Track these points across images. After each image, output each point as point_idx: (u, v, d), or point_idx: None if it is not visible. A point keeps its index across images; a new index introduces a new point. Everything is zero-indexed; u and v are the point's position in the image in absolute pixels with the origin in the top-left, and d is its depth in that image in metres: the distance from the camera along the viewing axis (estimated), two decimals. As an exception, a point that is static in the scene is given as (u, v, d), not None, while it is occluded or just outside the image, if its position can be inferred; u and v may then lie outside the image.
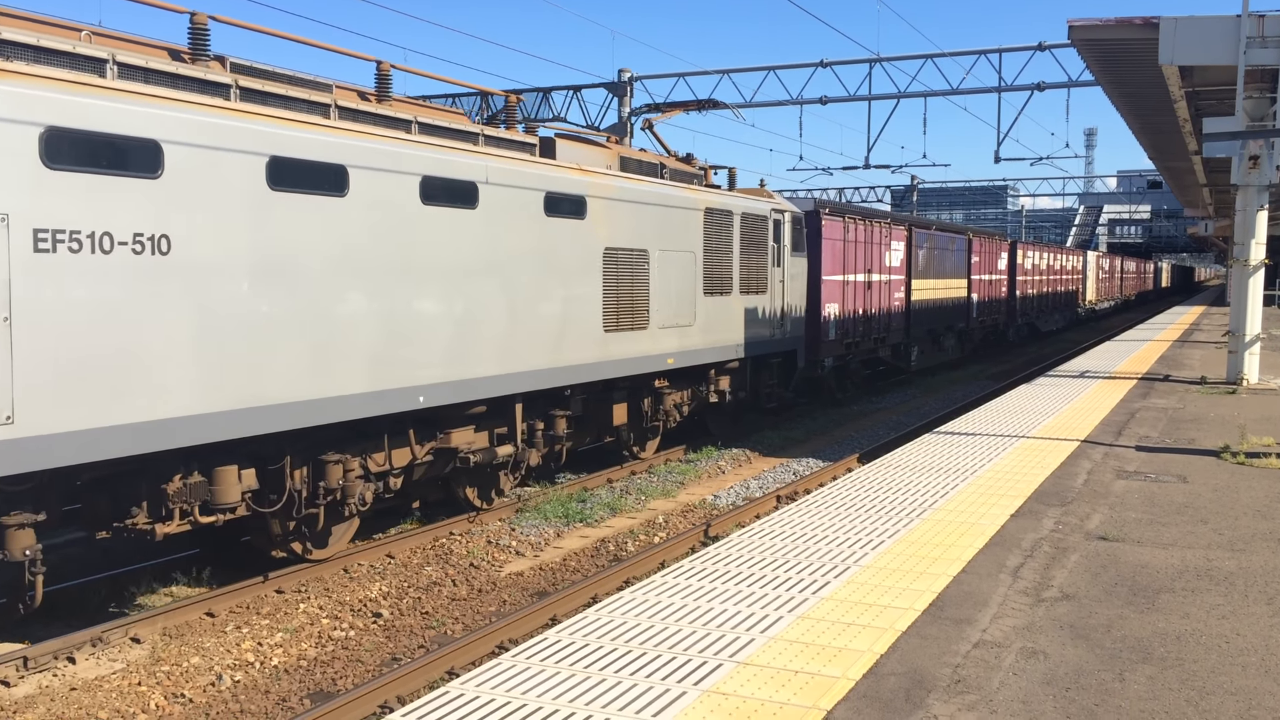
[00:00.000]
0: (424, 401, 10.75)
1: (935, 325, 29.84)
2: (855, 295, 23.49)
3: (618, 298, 14.00)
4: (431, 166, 10.84)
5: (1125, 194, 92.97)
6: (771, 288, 18.87)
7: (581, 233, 13.20)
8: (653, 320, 14.84)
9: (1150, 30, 15.64)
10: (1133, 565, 7.12)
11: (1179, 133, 23.83)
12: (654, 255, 14.86)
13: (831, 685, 5.03)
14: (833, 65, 31.58)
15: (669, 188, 15.41)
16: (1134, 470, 10.42)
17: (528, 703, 4.83)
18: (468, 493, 12.68)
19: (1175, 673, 5.26)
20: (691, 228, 15.95)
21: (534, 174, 12.37)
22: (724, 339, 17.04)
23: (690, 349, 15.95)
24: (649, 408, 15.67)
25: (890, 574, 6.84)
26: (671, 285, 15.33)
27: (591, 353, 13.44)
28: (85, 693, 7.87)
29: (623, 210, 14.07)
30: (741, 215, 17.62)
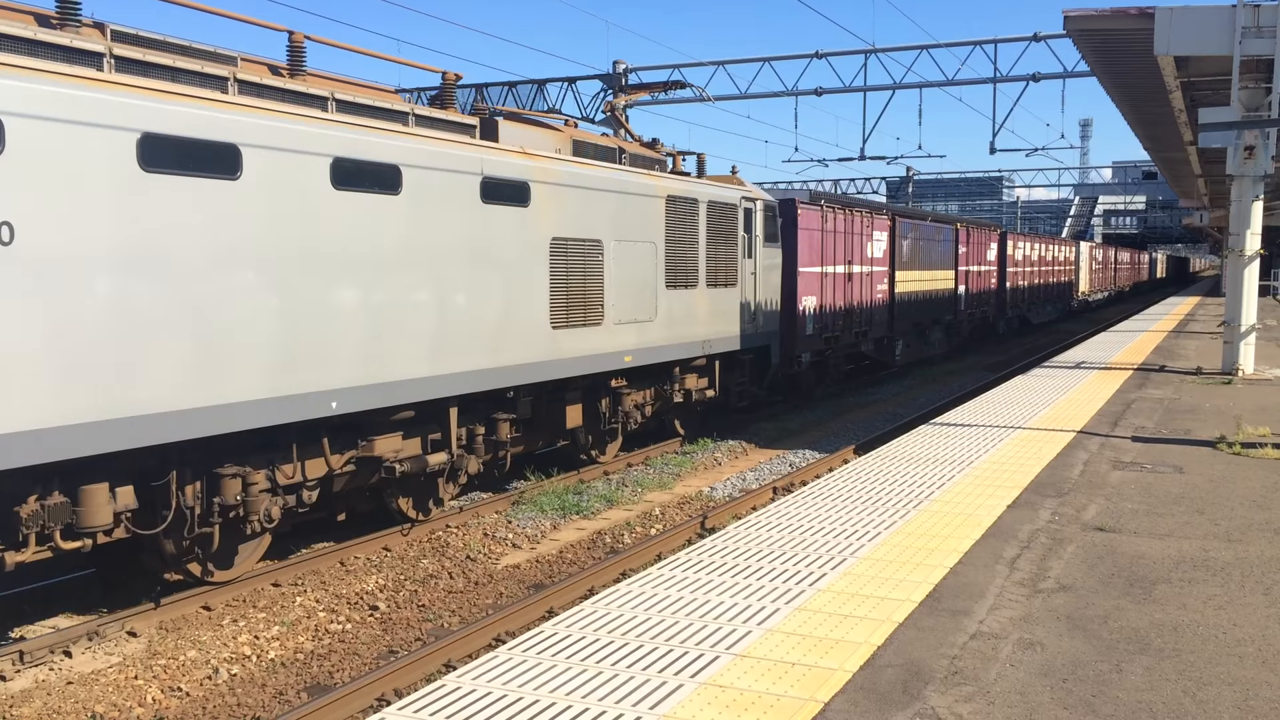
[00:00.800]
0: (337, 407, 9.73)
1: (921, 318, 29.01)
2: (835, 288, 22.73)
3: (567, 292, 12.99)
4: (345, 147, 9.81)
5: (1120, 185, 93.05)
6: (742, 280, 17.79)
7: (525, 221, 12.20)
8: (608, 316, 13.82)
9: (1146, 20, 15.62)
10: (1130, 556, 7.13)
11: (1174, 123, 23.83)
12: (609, 246, 13.83)
13: (829, 677, 5.03)
14: (828, 56, 31.54)
15: (626, 174, 14.36)
16: (1130, 461, 10.43)
17: (525, 695, 4.82)
18: (400, 503, 11.73)
19: (1173, 663, 5.26)
20: (652, 217, 14.94)
21: (468, 157, 11.32)
22: (689, 335, 16.04)
23: (651, 346, 14.96)
24: (607, 409, 14.78)
25: (887, 565, 6.84)
26: (629, 278, 14.32)
27: (538, 351, 12.45)
28: (82, 686, 7.86)
29: (573, 197, 13.06)
30: (708, 204, 16.57)
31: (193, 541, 9.25)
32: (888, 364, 27.39)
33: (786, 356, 20.60)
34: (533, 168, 12.35)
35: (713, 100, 22.44)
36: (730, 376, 18.12)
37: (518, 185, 12.07)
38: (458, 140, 11.31)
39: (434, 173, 10.86)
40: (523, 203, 12.16)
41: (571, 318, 13.09)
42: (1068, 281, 53.50)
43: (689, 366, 16.67)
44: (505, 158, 11.92)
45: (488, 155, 11.63)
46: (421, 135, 10.79)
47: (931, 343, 30.60)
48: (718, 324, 16.96)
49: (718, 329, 16.96)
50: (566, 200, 12.95)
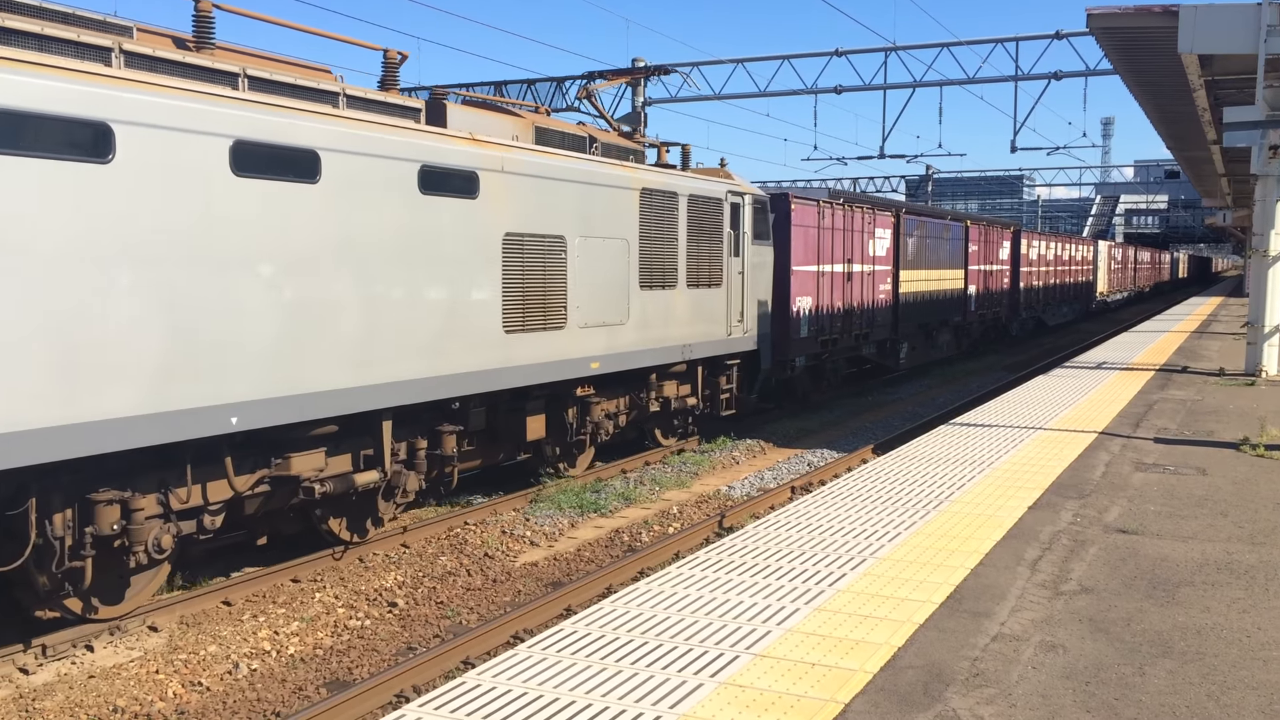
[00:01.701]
0: (238, 423, 8.59)
1: (928, 319, 27.72)
2: (832, 288, 21.61)
3: (524, 292, 11.87)
4: (248, 128, 8.66)
5: (1142, 184, 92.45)
6: (728, 280, 16.56)
7: (473, 215, 11.08)
8: (572, 318, 12.69)
9: (1170, 18, 15.50)
10: (1152, 558, 7.08)
11: (1198, 122, 23.64)
12: (573, 243, 12.69)
13: (849, 678, 5.01)
14: (848, 54, 31.43)
15: (594, 164, 13.20)
16: (1153, 462, 10.36)
17: (545, 693, 4.82)
18: (332, 525, 10.61)
19: (1196, 667, 5.22)
20: (624, 211, 13.76)
21: (403, 142, 10.19)
22: (667, 339, 14.86)
23: (622, 351, 13.80)
24: (574, 419, 13.65)
25: (907, 566, 6.81)
26: (597, 277, 13.19)
27: (488, 358, 11.35)
28: (103, 680, 7.91)
29: (530, 189, 11.92)
30: (689, 198, 15.38)
31: (63, 576, 8.08)
32: (891, 368, 26.27)
33: (778, 361, 19.43)
34: (482, 156, 11.24)
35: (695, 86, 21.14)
36: (716, 382, 16.96)
37: (464, 175, 10.97)
38: (391, 124, 10.21)
39: (361, 159, 9.75)
40: (470, 194, 11.05)
41: (529, 321, 11.99)
42: (1085, 282, 52.24)
43: (668, 373, 15.57)
44: (448, 144, 10.78)
45: (425, 140, 10.49)
46: (345, 117, 9.68)
47: (939, 345, 29.46)
48: (700, 327, 15.81)
49: (700, 332, 15.82)
50: (523, 192, 11.85)
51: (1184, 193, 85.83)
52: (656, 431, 16.57)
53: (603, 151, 14.12)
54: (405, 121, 10.51)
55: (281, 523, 10.49)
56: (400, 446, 10.84)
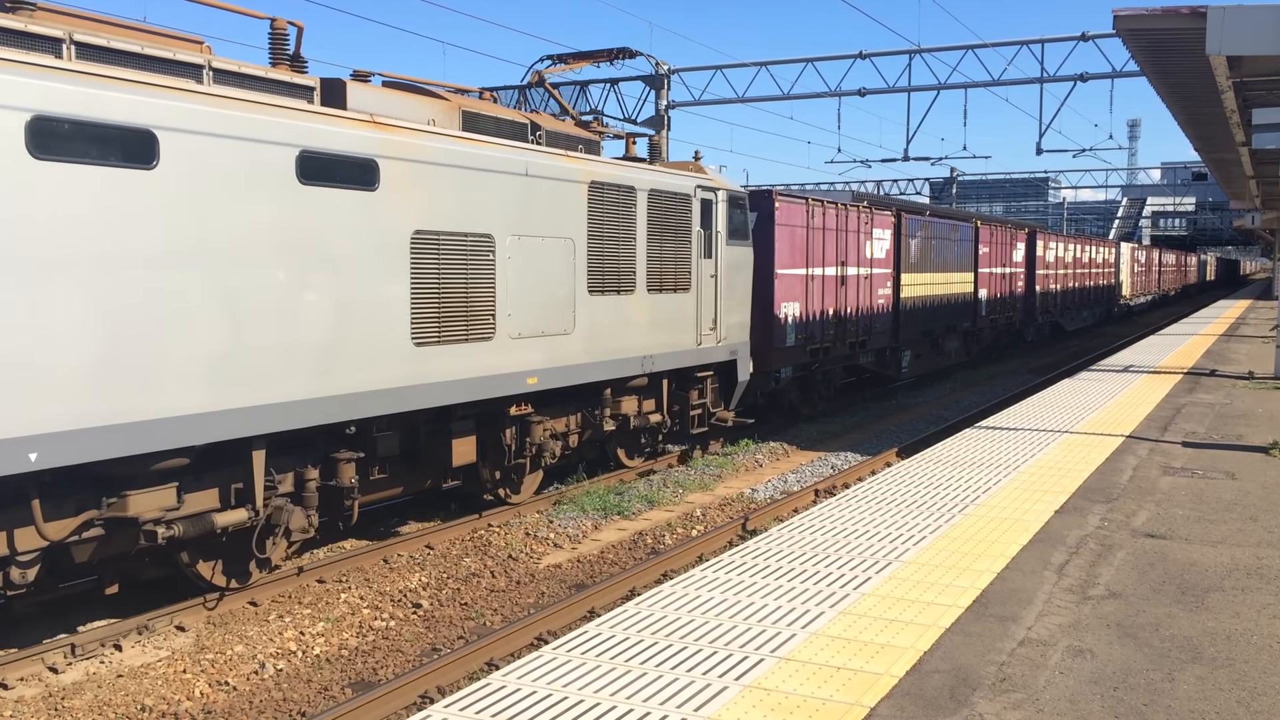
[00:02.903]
0: (38, 460, 7.13)
1: (933, 326, 26.05)
2: (824, 292, 20.07)
3: (440, 299, 10.45)
4: (51, 101, 7.23)
5: (1169, 186, 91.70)
6: (698, 284, 15.04)
7: (372, 209, 9.69)
8: (502, 328, 11.25)
9: (1198, 20, 15.37)
10: (1181, 563, 7.02)
11: (1226, 124, 23.42)
12: (504, 242, 11.24)
13: (875, 682, 4.99)
14: (872, 56, 31.33)
15: (531, 154, 11.71)
16: (1181, 466, 10.27)
17: (569, 695, 4.83)
18: (202, 569, 9.16)
19: (1226, 673, 5.17)
20: (569, 207, 12.29)
21: (275, 123, 8.75)
22: (623, 350, 13.37)
23: (567, 364, 12.32)
24: (513, 440, 12.17)
25: (932, 570, 6.78)
26: (534, 282, 11.74)
27: (393, 374, 9.93)
28: (132, 679, 7.98)
29: (449, 180, 10.53)
30: (649, 193, 13.81)
31: None
32: (893, 378, 24.69)
33: (760, 372, 17.87)
34: (383, 141, 9.83)
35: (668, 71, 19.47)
36: (685, 397, 15.40)
37: (358, 162, 9.55)
38: (263, 102, 8.77)
39: (217, 141, 8.29)
40: (368, 185, 9.67)
41: (446, 332, 10.55)
42: (1107, 285, 50.61)
43: (625, 387, 14.02)
44: (337, 127, 9.36)
45: (304, 122, 9.03)
46: (193, 91, 8.18)
47: (946, 353, 27.78)
48: (664, 336, 14.26)
49: (664, 342, 14.29)
50: (439, 184, 10.43)
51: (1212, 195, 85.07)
52: (620, 452, 15.04)
53: (548, 140, 12.69)
54: (289, 100, 9.10)
55: (139, 568, 9.02)
56: (284, 478, 9.44)
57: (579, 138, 13.43)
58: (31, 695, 7.66)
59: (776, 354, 18.25)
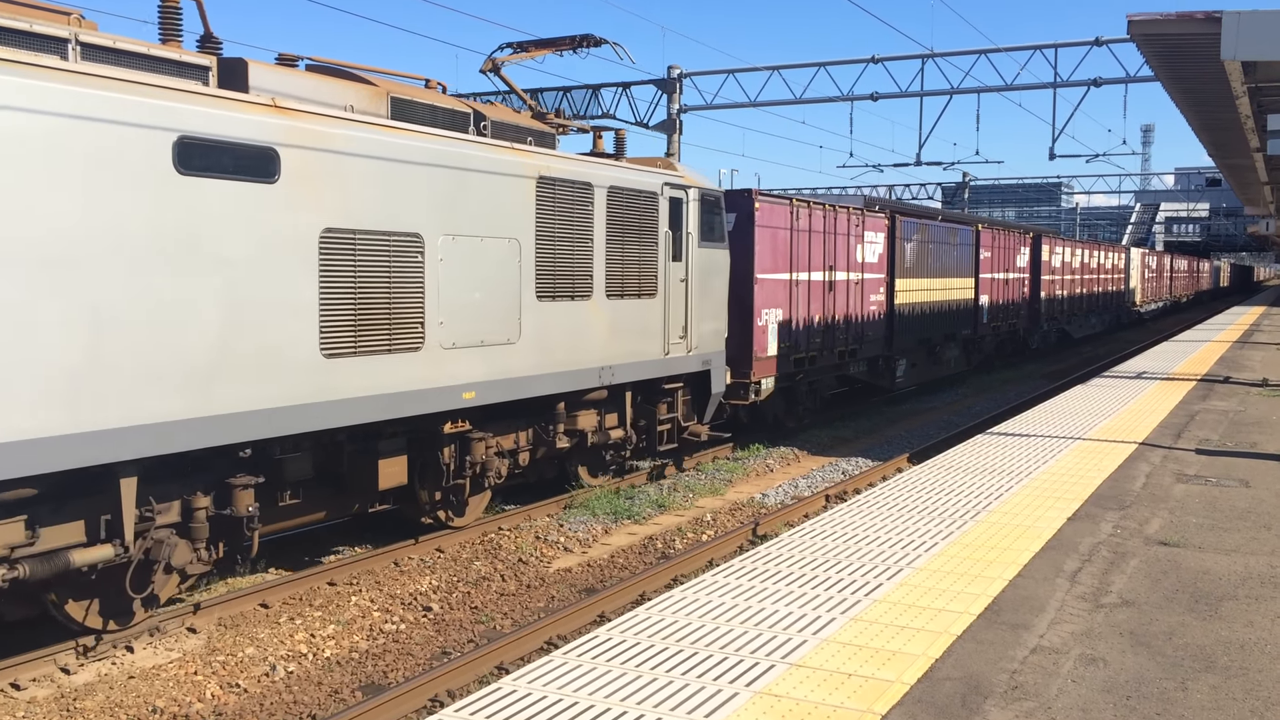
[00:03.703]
0: None
1: (930, 333, 24.92)
2: (810, 298, 19.01)
3: (355, 305, 9.44)
4: None
5: (1183, 191, 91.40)
6: (667, 289, 13.99)
7: (271, 204, 8.68)
8: (433, 338, 10.24)
9: (1212, 25, 15.32)
10: (1194, 571, 6.98)
11: (1240, 129, 23.33)
12: (435, 242, 10.25)
13: (886, 689, 4.98)
14: (884, 61, 31.31)
15: (467, 146, 10.70)
16: (1194, 474, 10.22)
17: (579, 700, 4.83)
18: (72, 610, 8.23)
19: (1239, 682, 5.14)
20: (514, 204, 11.25)
21: (142, 105, 7.71)
22: (578, 360, 12.31)
23: (511, 377, 11.28)
24: (452, 460, 11.15)
25: (944, 576, 6.76)
26: (472, 286, 10.73)
27: (298, 389, 8.90)
28: (143, 681, 8.01)
29: (368, 173, 9.53)
30: (609, 190, 12.76)
31: None
32: (886, 388, 23.61)
33: (738, 384, 16.85)
34: (286, 128, 8.81)
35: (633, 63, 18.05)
36: (652, 411, 14.33)
37: (253, 151, 8.53)
38: (122, 79, 7.72)
39: (68, 123, 7.29)
40: (266, 176, 8.64)
41: (364, 342, 9.54)
42: (1116, 291, 49.41)
43: (582, 401, 12.95)
44: (225, 110, 8.31)
45: (188, 105, 8.01)
46: (35, 65, 7.17)
47: (945, 362, 26.53)
48: (626, 345, 13.20)
49: (627, 351, 13.21)
50: (355, 177, 9.44)
51: (1226, 201, 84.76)
52: (582, 470, 14.06)
53: (494, 132, 11.75)
54: (169, 80, 8.07)
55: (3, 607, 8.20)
56: (167, 507, 8.43)
57: (531, 130, 12.36)
58: (44, 696, 7.69)
59: (757, 364, 17.20)
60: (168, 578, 8.69)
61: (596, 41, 14.47)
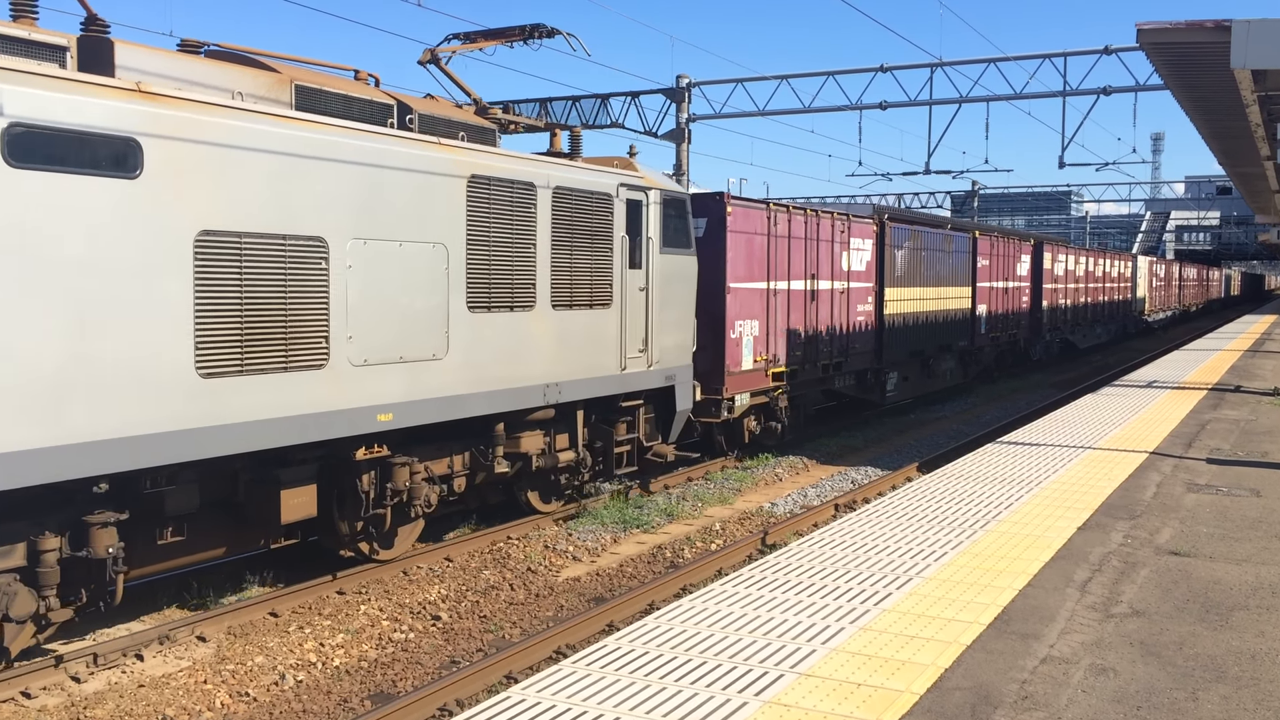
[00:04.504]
0: None
1: (923, 345, 23.90)
2: (789, 309, 17.97)
3: (241, 318, 8.37)
4: None
5: (1193, 200, 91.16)
6: (623, 299, 12.94)
7: (132, 202, 7.66)
8: (341, 354, 9.19)
9: (1222, 33, 15.30)
10: (1205, 581, 6.96)
11: (1250, 138, 23.29)
12: (343, 248, 9.21)
13: (895, 699, 4.97)
14: (893, 70, 31.31)
15: (383, 140, 9.69)
16: (1205, 483, 10.19)
17: (588, 710, 4.83)
18: None
19: (1250, 692, 5.12)
20: (441, 205, 10.25)
21: None
22: (518, 377, 11.26)
23: (437, 396, 10.25)
24: (372, 488, 10.09)
25: (953, 586, 6.75)
26: (388, 296, 9.69)
27: (168, 414, 7.88)
28: (153, 689, 8.03)
29: (255, 168, 8.48)
30: (555, 191, 11.71)
31: None
32: (876, 403, 22.50)
33: (708, 400, 15.81)
34: (150, 115, 7.78)
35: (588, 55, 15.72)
36: (609, 431, 13.23)
37: (108, 141, 7.53)
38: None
39: None
40: (124, 171, 7.64)
41: (252, 359, 8.49)
42: (1122, 300, 48.33)
43: (525, 421, 11.85)
44: (73, 95, 7.33)
45: (17, 87, 7.01)
46: None
47: (940, 374, 25.43)
48: (576, 360, 12.16)
49: (577, 367, 12.18)
50: (241, 173, 8.38)
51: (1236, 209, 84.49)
52: (532, 496, 12.87)
53: (422, 126, 10.76)
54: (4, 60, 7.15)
55: None
56: (10, 550, 7.47)
57: (466, 125, 11.26)
58: (54, 704, 7.72)
59: (729, 379, 16.17)
60: (20, 627, 7.70)
61: (549, 32, 13.45)
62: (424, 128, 10.75)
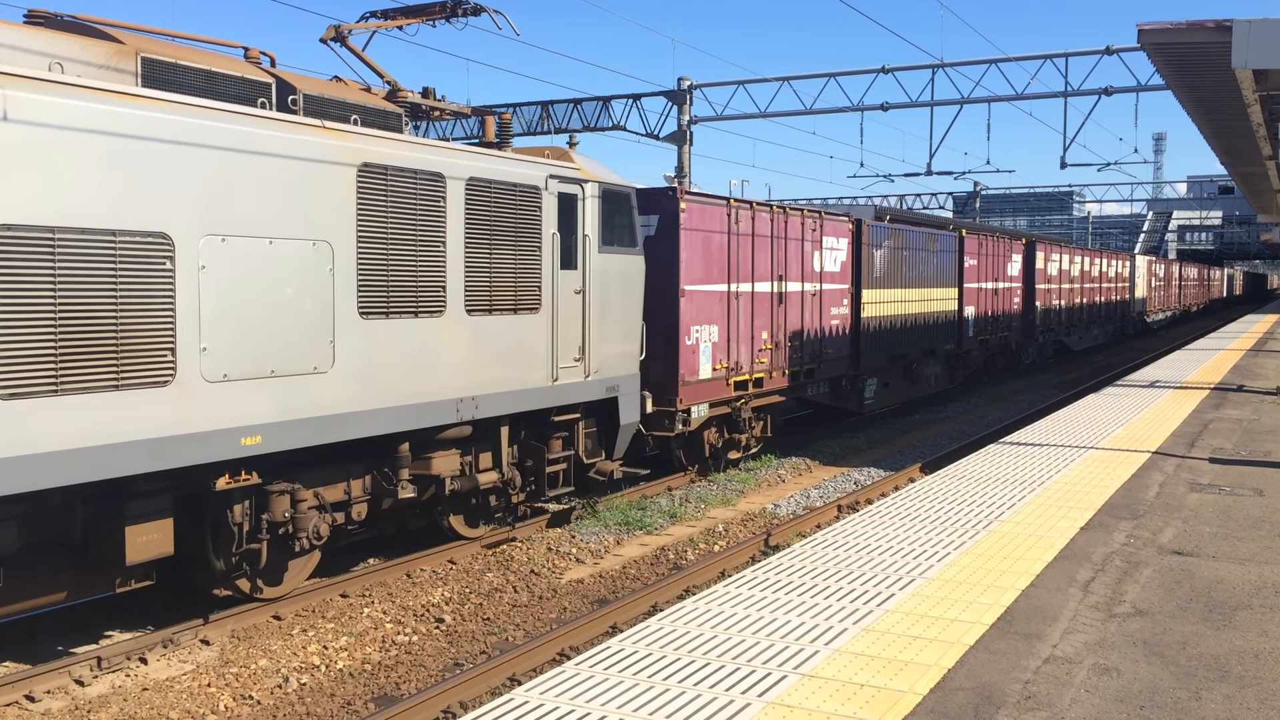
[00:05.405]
0: None
1: (905, 349, 22.69)
2: (754, 313, 16.77)
3: (53, 327, 7.24)
4: None
5: (1195, 199, 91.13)
6: (555, 303, 11.79)
7: None
8: (191, 368, 8.04)
9: (1223, 33, 15.30)
10: (1208, 581, 6.96)
11: (1252, 137, 23.28)
12: (194, 245, 8.05)
13: (898, 699, 4.97)
14: (895, 71, 31.35)
15: (248, 122, 8.51)
16: (1208, 483, 10.18)
17: (591, 711, 4.83)
18: None
19: (1254, 692, 5.12)
20: (323, 197, 9.10)
21: None
22: (424, 391, 10.12)
23: (320, 415, 9.10)
24: (245, 520, 8.97)
25: (956, 587, 6.75)
26: (255, 301, 8.55)
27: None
28: (157, 693, 8.04)
29: (74, 151, 7.33)
30: (469, 183, 10.60)
31: None
32: (853, 411, 21.37)
33: (660, 413, 14.65)
34: None
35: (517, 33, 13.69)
36: (540, 449, 12.03)
37: None
38: None
39: None
40: None
41: (72, 375, 7.33)
42: (1120, 300, 47.24)
43: (437, 440, 10.65)
44: None
45: None
46: None
47: (924, 380, 24.31)
48: (497, 371, 11.03)
49: (498, 378, 11.04)
50: (51, 156, 7.23)
51: (1239, 209, 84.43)
52: (453, 520, 11.60)
53: (307, 107, 9.65)
54: None
55: None
56: None
57: (362, 108, 10.19)
58: (58, 708, 7.73)
59: (684, 389, 14.93)
60: None
61: (474, 10, 12.39)
62: (310, 110, 9.64)
